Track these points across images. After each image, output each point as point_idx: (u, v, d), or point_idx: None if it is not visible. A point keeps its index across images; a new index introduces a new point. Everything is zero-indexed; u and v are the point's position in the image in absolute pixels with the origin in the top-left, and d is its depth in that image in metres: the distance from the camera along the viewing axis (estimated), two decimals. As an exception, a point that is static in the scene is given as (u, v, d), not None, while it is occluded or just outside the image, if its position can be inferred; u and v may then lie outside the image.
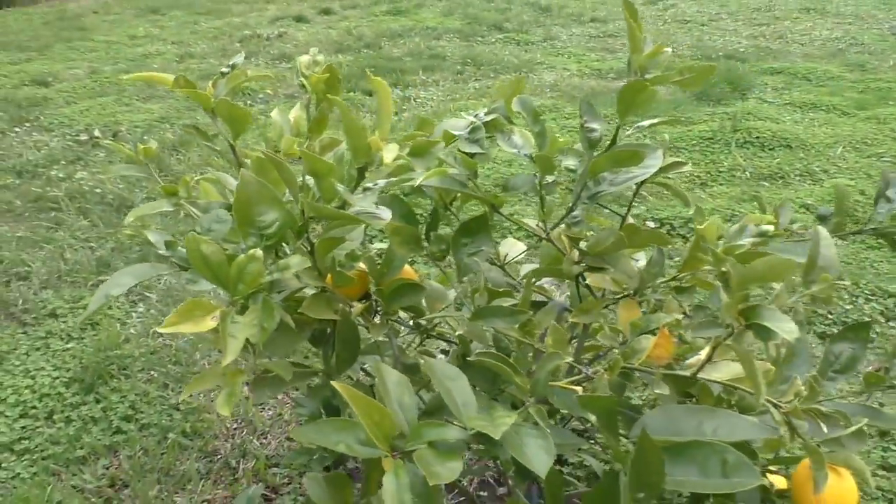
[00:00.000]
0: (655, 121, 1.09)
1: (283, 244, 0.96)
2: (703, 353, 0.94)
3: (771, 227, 0.90)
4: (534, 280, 1.14)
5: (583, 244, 1.10)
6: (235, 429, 1.76)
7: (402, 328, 1.26)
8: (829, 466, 0.88)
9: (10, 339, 2.05)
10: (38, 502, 1.51)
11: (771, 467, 1.05)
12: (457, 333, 1.06)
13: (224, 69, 1.02)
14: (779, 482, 1.12)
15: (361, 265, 1.12)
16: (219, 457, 1.67)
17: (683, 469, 0.82)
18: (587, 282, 1.08)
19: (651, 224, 2.66)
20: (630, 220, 1.11)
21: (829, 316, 2.10)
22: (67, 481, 1.59)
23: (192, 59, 5.37)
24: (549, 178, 1.12)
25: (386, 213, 0.89)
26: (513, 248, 1.26)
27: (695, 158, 3.28)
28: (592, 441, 1.38)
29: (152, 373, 1.91)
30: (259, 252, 0.81)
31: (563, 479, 0.96)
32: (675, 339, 0.98)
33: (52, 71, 5.00)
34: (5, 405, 1.79)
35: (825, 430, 0.88)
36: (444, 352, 1.40)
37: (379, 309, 1.13)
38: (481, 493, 1.51)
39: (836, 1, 7.25)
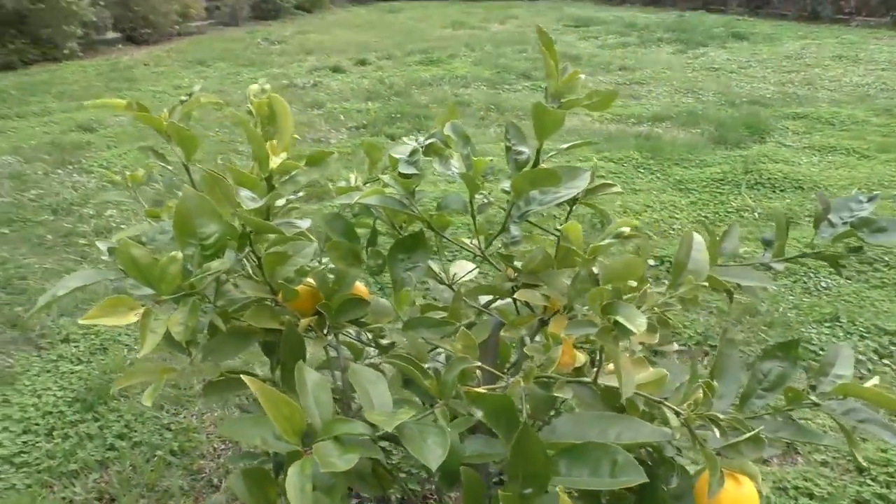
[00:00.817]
0: (570, 144, 1.15)
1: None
2: (612, 365, 0.99)
3: (627, 229, 0.95)
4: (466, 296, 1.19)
5: (518, 263, 1.16)
6: (223, 449, 1.83)
7: (363, 345, 1.33)
8: (728, 474, 0.91)
9: (24, 361, 2.17)
10: (28, 511, 1.60)
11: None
12: (384, 342, 1.12)
13: (183, 97, 1.12)
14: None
15: (311, 282, 1.20)
16: (203, 475, 1.74)
17: (578, 469, 0.85)
18: (515, 296, 1.13)
19: (651, 262, 2.68)
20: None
21: (820, 353, 2.09)
22: (59, 493, 1.68)
23: (229, 107, 5.61)
24: (484, 200, 1.20)
25: (304, 224, 0.96)
26: (462, 268, 1.32)
27: (703, 199, 3.30)
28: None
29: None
30: (179, 255, 0.89)
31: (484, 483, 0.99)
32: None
33: (98, 118, 5.30)
34: (11, 421, 1.89)
35: (718, 435, 0.91)
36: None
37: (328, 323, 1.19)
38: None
39: (870, 48, 7.22)
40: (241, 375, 0.89)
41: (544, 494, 0.82)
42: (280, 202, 1.07)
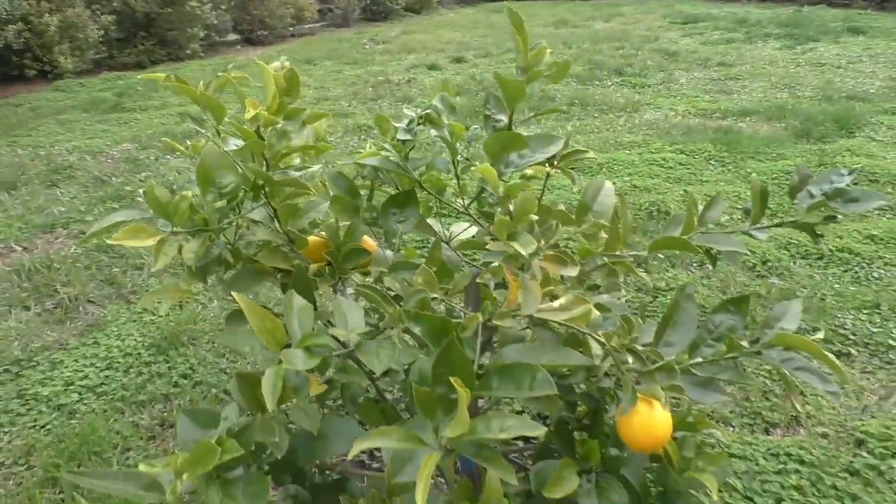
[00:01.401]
0: (533, 114, 1.27)
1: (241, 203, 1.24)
2: (557, 303, 1.11)
3: (530, 171, 1.06)
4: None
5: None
6: (269, 393, 2.05)
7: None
8: (644, 398, 1.01)
9: (115, 312, 2.50)
10: (103, 430, 1.87)
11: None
12: (366, 282, 1.28)
13: (219, 74, 1.33)
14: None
15: (323, 234, 1.38)
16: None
17: (506, 384, 0.99)
18: (486, 247, 1.26)
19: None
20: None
21: (851, 337, 2.07)
22: (129, 418, 1.95)
23: (327, 101, 5.97)
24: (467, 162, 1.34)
25: (313, 169, 1.15)
26: (461, 228, 1.46)
27: (770, 190, 3.25)
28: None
29: (213, 344, 2.26)
30: (188, 194, 1.09)
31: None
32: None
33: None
34: (97, 359, 2.20)
35: (630, 361, 1.01)
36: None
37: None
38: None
39: None
40: (233, 293, 1.07)
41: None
42: (296, 162, 1.26)
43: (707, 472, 1.10)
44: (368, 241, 1.42)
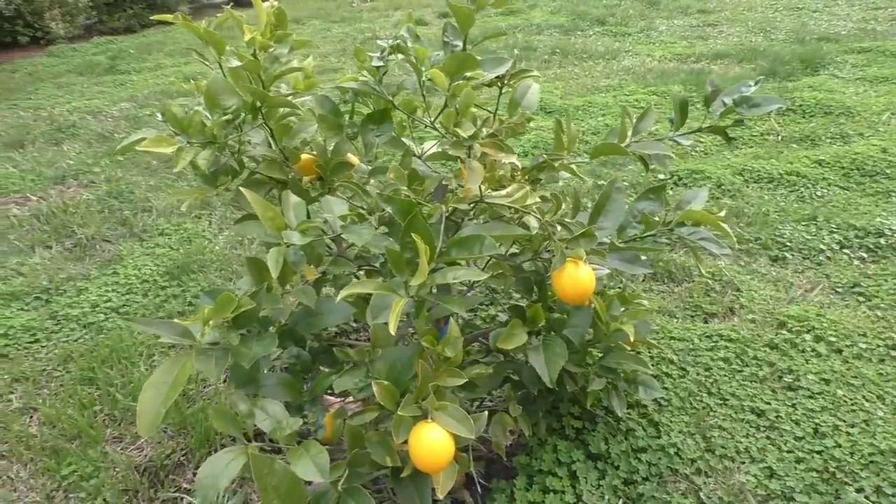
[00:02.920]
0: (482, 38, 1.50)
1: (244, 123, 1.47)
2: (504, 191, 1.35)
3: (479, 80, 1.29)
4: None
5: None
6: (273, 309, 2.31)
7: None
8: (572, 261, 1.26)
9: (129, 248, 2.75)
10: (128, 340, 2.13)
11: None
12: (345, 183, 1.52)
13: (219, 14, 1.56)
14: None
15: (313, 153, 1.61)
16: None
17: (461, 251, 1.23)
18: (449, 152, 1.51)
19: (661, 176, 2.95)
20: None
21: (788, 244, 2.33)
22: (147, 331, 2.21)
23: (316, 58, 6.14)
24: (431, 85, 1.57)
25: (304, 99, 1.38)
26: (431, 145, 1.70)
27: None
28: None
29: (222, 270, 2.52)
30: (201, 109, 1.33)
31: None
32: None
33: (202, 71, 5.95)
34: (118, 285, 2.46)
35: (559, 230, 1.27)
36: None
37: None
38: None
39: (972, -19, 6.84)
40: (240, 188, 1.32)
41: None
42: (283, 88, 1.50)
43: (629, 324, 1.36)
44: (352, 157, 1.66)
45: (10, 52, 7.66)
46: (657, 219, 1.42)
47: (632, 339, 1.32)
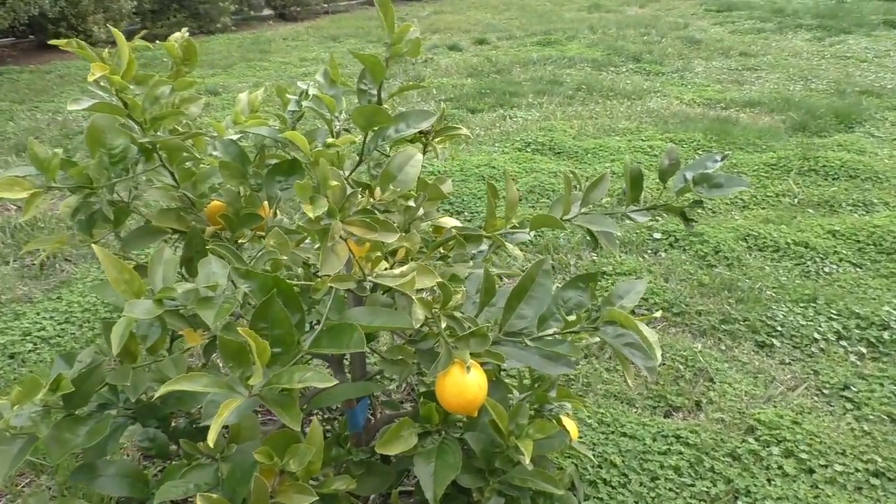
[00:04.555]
0: (397, 89, 1.33)
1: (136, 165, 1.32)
2: (399, 270, 1.17)
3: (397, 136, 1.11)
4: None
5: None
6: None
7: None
8: (459, 363, 1.07)
9: (85, 271, 2.63)
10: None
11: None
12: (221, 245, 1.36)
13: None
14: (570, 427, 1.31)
15: (221, 202, 1.46)
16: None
17: (332, 342, 1.05)
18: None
19: (657, 235, 2.72)
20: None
21: (779, 329, 2.08)
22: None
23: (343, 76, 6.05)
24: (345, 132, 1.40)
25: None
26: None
27: (751, 182, 3.24)
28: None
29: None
30: (59, 151, 1.18)
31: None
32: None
33: (225, 84, 5.91)
34: (57, 312, 2.33)
35: (444, 326, 1.07)
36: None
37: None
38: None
39: None
40: (93, 245, 1.16)
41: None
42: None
43: (528, 439, 1.15)
44: (265, 207, 1.50)
45: (50, 54, 7.78)
46: (583, 313, 1.20)
47: (527, 462, 1.11)
